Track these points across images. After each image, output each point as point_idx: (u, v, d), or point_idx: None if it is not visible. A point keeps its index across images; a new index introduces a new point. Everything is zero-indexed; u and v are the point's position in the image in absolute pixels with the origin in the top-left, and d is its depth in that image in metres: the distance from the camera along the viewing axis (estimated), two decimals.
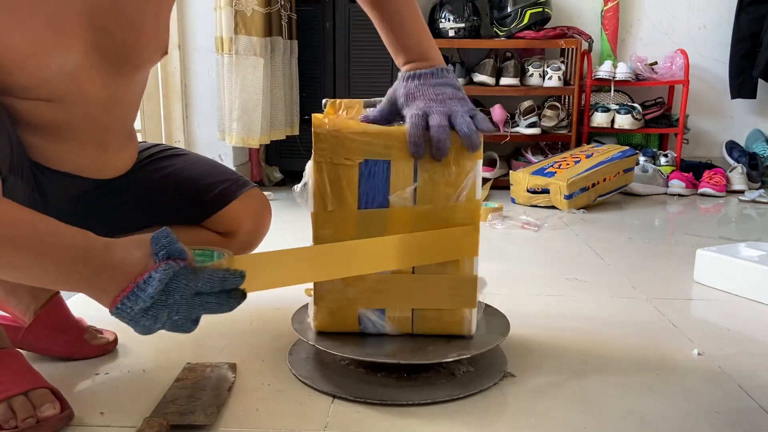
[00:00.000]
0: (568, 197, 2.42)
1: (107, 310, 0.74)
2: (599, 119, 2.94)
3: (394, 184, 0.94)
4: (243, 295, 0.78)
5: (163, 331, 0.76)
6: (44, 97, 0.85)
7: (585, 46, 2.97)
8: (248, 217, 1.10)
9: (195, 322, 0.77)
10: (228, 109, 2.49)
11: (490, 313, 1.12)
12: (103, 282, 0.72)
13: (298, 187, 0.98)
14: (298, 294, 1.08)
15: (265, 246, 1.39)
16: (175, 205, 1.08)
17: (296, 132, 2.73)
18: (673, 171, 2.88)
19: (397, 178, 0.93)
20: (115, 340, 1.12)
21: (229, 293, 0.77)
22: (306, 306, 1.09)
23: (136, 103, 1.03)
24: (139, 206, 1.07)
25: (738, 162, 3.01)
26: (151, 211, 1.07)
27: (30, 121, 0.87)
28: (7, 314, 1.09)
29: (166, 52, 0.97)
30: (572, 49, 2.93)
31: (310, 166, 0.95)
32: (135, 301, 0.71)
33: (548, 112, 2.93)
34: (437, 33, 2.92)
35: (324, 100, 1.05)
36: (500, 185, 2.86)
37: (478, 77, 2.92)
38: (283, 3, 2.55)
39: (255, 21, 2.44)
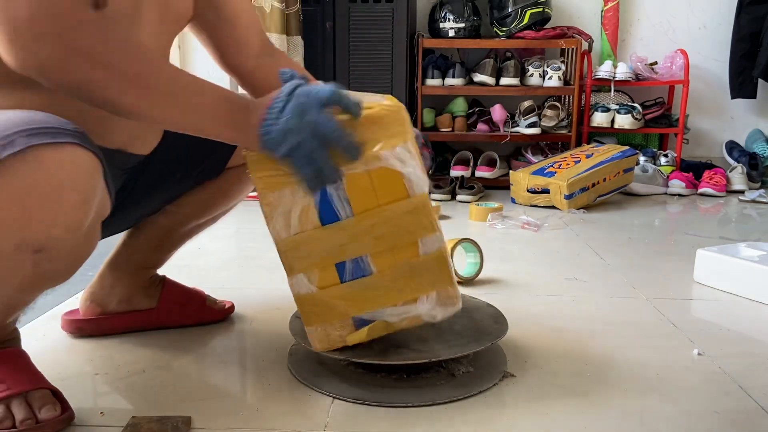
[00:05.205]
0: (568, 197, 2.42)
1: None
2: (599, 119, 2.94)
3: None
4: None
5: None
6: None
7: (585, 46, 2.97)
8: None
9: (320, 167, 0.81)
10: None
11: (489, 312, 1.12)
12: (249, 118, 0.80)
13: None
14: None
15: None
16: (197, 165, 1.14)
17: None
18: (673, 171, 2.88)
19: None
20: (232, 306, 1.26)
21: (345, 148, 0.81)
22: None
23: None
24: (171, 176, 1.12)
25: (738, 162, 3.01)
26: (183, 176, 1.13)
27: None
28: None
29: None
30: (572, 49, 2.93)
31: None
32: (274, 113, 0.78)
33: (548, 112, 2.93)
34: (437, 33, 2.92)
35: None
36: (500, 185, 2.86)
37: (478, 77, 2.92)
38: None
39: (274, 18, 2.46)
